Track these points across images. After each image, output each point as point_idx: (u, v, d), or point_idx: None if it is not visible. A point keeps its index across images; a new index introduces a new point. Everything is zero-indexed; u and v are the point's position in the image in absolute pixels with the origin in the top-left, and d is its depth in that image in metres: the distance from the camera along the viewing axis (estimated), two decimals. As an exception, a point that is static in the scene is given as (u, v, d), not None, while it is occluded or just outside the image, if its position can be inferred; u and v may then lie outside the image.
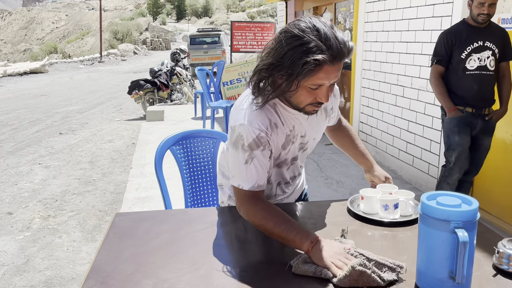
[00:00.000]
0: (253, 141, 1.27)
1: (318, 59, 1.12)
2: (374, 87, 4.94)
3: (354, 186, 4.20)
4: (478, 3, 2.76)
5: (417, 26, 4.00)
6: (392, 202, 1.42)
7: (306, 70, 1.14)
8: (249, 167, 1.28)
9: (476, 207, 1.02)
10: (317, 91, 1.22)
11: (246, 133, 1.27)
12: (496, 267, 1.16)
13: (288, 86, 1.20)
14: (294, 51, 1.14)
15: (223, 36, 17.90)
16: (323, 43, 1.14)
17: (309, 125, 1.43)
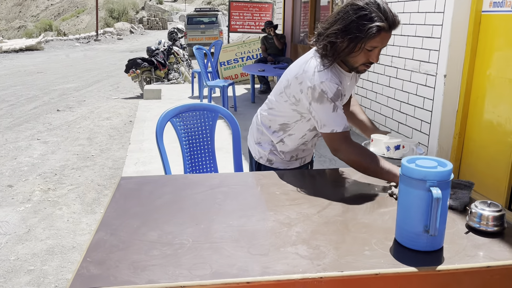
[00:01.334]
0: (335, 94, 1.55)
1: (379, 25, 1.44)
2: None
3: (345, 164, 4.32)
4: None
5: (411, 8, 4.07)
6: (393, 144, 1.68)
7: (370, 34, 1.45)
8: (337, 114, 1.56)
9: (450, 169, 1.14)
10: (371, 53, 1.53)
11: (328, 88, 1.54)
12: (469, 225, 1.28)
13: (352, 49, 1.50)
14: (360, 19, 1.45)
15: (220, 16, 17.78)
16: (382, 14, 1.46)
17: (350, 87, 1.72)
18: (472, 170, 3.62)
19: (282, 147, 1.80)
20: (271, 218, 1.33)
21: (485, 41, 3.42)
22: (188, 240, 1.18)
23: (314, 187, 1.60)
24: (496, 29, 3.30)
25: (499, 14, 3.25)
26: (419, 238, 1.15)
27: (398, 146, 1.68)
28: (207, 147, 2.17)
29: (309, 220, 1.32)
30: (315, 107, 1.58)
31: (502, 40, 3.24)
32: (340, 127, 1.56)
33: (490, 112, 3.39)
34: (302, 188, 1.59)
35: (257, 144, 1.88)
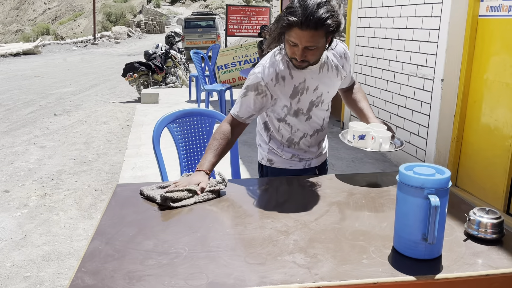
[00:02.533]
0: (252, 85, 1.63)
1: (290, 20, 1.46)
2: (366, 73, 5.03)
3: (344, 168, 4.32)
4: None
5: (409, 12, 4.08)
6: (358, 133, 1.65)
7: (281, 25, 1.49)
8: (240, 100, 1.68)
9: (448, 176, 1.13)
10: (294, 48, 1.53)
11: (251, 78, 1.65)
12: (467, 232, 1.27)
13: (276, 37, 1.55)
14: (285, 11, 1.50)
15: (218, 20, 17.80)
16: (301, 11, 1.45)
17: (321, 80, 1.70)
18: (470, 174, 3.62)
19: (274, 145, 1.84)
20: (268, 226, 1.32)
21: (482, 45, 3.43)
22: (184, 249, 1.17)
23: (311, 193, 1.59)
24: (493, 33, 3.31)
25: (496, 19, 3.26)
26: (417, 246, 1.14)
27: (363, 136, 1.65)
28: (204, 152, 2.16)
29: (306, 227, 1.31)
30: None
31: (499, 44, 3.25)
32: (233, 110, 1.70)
33: (488, 116, 3.39)
34: (299, 195, 1.58)
35: (258, 145, 1.94)
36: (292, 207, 1.45)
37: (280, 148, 1.83)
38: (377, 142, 1.63)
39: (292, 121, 1.75)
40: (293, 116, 1.73)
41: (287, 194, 1.58)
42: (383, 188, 1.63)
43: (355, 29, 5.24)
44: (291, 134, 1.79)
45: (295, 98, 1.68)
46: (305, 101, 1.70)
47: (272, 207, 1.46)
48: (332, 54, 1.72)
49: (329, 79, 1.72)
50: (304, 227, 1.31)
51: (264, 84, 1.62)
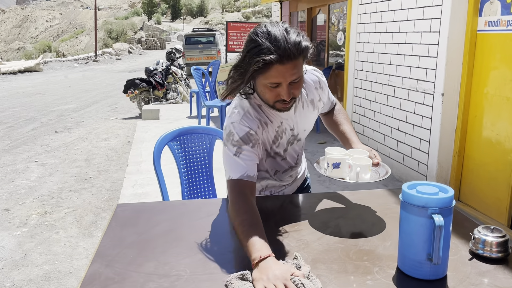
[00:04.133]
0: (242, 138, 1.37)
1: (266, 59, 1.23)
2: (366, 87, 5.05)
3: (345, 184, 4.30)
4: None
5: (407, 28, 4.11)
6: (332, 161, 1.45)
7: (256, 69, 1.25)
8: (238, 159, 1.37)
9: (451, 195, 1.12)
10: (278, 89, 1.31)
11: (236, 130, 1.38)
12: (472, 251, 1.25)
13: (244, 84, 1.32)
14: (250, 53, 1.27)
15: (218, 36, 17.96)
16: (273, 45, 1.24)
17: (297, 119, 1.53)
18: (473, 189, 3.60)
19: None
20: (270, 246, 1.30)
21: (482, 59, 3.44)
22: (185, 271, 1.15)
23: (313, 211, 1.58)
24: (491, 48, 3.33)
25: (495, 33, 3.28)
26: (422, 267, 1.12)
27: (338, 164, 1.44)
28: (206, 171, 2.15)
29: (309, 247, 1.29)
30: (223, 150, 1.43)
31: (498, 59, 3.26)
32: (236, 175, 1.35)
33: (489, 130, 3.38)
34: (301, 213, 1.56)
35: None
36: (294, 226, 1.44)
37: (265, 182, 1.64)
38: (353, 171, 1.43)
39: (267, 164, 1.57)
40: (269, 158, 1.55)
41: (289, 213, 1.56)
42: (386, 205, 1.62)
43: (355, 44, 5.27)
44: (264, 173, 1.60)
45: (276, 143, 1.51)
46: (283, 143, 1.54)
47: (273, 226, 1.44)
48: (305, 88, 1.52)
49: (305, 117, 1.55)
50: (306, 247, 1.29)
51: (253, 133, 1.39)
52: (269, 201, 1.66)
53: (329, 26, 6.64)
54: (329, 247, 1.30)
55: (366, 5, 4.93)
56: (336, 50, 6.42)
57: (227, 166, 1.39)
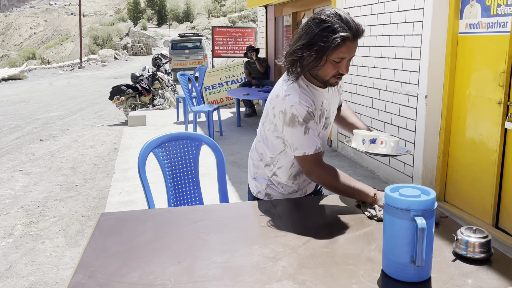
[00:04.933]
0: (305, 118, 1.54)
1: (343, 35, 1.44)
2: (351, 90, 5.09)
3: (333, 186, 4.31)
4: None
5: (390, 31, 4.16)
6: (369, 137, 1.63)
7: (334, 45, 1.44)
8: (309, 136, 1.56)
9: (433, 197, 1.13)
10: (339, 64, 1.52)
11: (298, 111, 1.54)
12: (456, 252, 1.26)
13: (318, 61, 1.49)
14: (323, 31, 1.45)
15: (204, 41, 17.95)
16: (345, 25, 1.45)
17: (330, 99, 1.69)
18: (458, 189, 3.64)
19: (277, 179, 1.74)
20: (256, 252, 1.30)
21: (463, 61, 3.50)
22: (170, 280, 1.14)
23: (299, 216, 1.58)
24: (473, 50, 3.38)
25: (476, 35, 3.33)
26: (406, 269, 1.13)
27: (374, 139, 1.63)
28: (191, 178, 2.14)
29: (295, 253, 1.29)
30: (287, 131, 1.59)
31: (479, 60, 3.32)
32: (312, 149, 1.57)
33: (472, 130, 3.43)
34: (287, 218, 1.56)
35: (254, 179, 1.82)
36: (280, 231, 1.44)
37: (281, 184, 1.75)
38: (388, 145, 1.63)
39: None
40: None
41: (274, 218, 1.56)
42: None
43: (339, 48, 5.31)
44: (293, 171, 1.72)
45: (321, 121, 1.66)
46: (322, 123, 1.69)
47: (260, 232, 1.44)
48: None
49: (333, 99, 1.73)
50: (292, 252, 1.29)
51: (312, 110, 1.57)
52: (255, 207, 1.65)
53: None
54: (315, 251, 1.30)
55: (350, 9, 4.98)
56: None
57: (299, 144, 1.57)
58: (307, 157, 1.58)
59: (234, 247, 1.33)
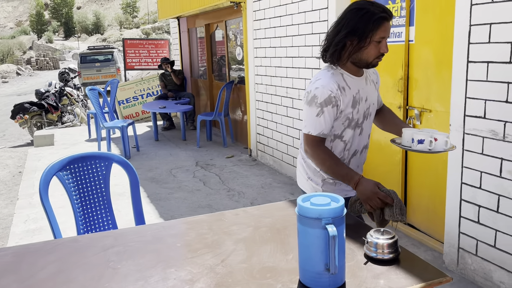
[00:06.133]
0: (324, 100, 1.65)
1: (382, 15, 1.61)
2: (267, 100, 5.19)
3: (254, 195, 4.35)
4: None
5: (299, 42, 4.32)
6: (418, 137, 1.69)
7: (377, 24, 1.60)
8: (319, 119, 1.66)
9: (342, 204, 1.16)
10: (380, 45, 1.65)
11: (320, 94, 1.66)
12: (367, 255, 1.31)
13: (362, 43, 1.63)
14: (363, 17, 1.61)
15: (116, 54, 17.26)
16: (380, 8, 1.62)
17: (368, 91, 1.78)
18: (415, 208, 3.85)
19: None
20: (171, 276, 1.24)
21: (366, 70, 3.73)
22: (75, 319, 1.04)
23: (215, 233, 1.54)
24: (374, 59, 3.62)
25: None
26: (321, 278, 1.14)
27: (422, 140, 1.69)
28: (102, 201, 2.01)
29: (212, 272, 1.25)
30: (305, 109, 1.71)
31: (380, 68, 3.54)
32: (316, 131, 1.68)
33: (378, 133, 3.66)
34: (203, 237, 1.52)
35: (309, 179, 1.86)
36: (197, 250, 1.39)
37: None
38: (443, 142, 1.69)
39: (348, 135, 1.77)
40: (351, 128, 1.76)
41: (191, 237, 1.51)
42: (287, 218, 1.64)
43: (253, 59, 5.41)
44: (343, 153, 1.79)
45: (355, 107, 1.73)
46: (361, 111, 1.76)
47: (176, 253, 1.38)
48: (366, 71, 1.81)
49: (372, 92, 1.82)
50: (210, 272, 1.25)
51: (334, 95, 1.66)
52: (172, 226, 1.59)
53: (227, 42, 6.74)
54: (233, 268, 1.27)
55: (260, 21, 5.09)
56: (237, 65, 6.53)
57: (309, 123, 1.69)
58: (309, 136, 1.69)
59: (148, 273, 1.26)
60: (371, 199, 1.61)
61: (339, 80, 1.69)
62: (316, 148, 1.69)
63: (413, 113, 3.24)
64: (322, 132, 1.68)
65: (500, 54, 2.32)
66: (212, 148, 6.38)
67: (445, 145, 1.70)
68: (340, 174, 1.68)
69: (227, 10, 6.22)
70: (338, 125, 1.72)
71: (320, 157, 1.69)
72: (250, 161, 5.68)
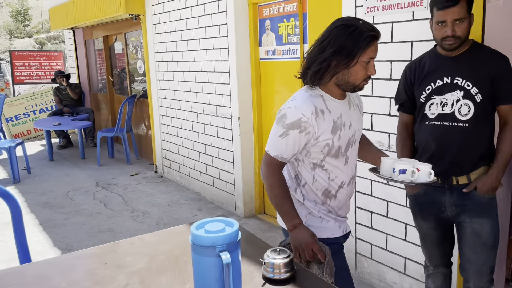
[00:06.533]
0: (292, 123, 1.51)
1: (372, 34, 1.49)
2: (171, 115, 5.08)
3: (160, 215, 4.20)
4: (437, 22, 1.84)
5: (201, 56, 4.31)
6: (399, 167, 1.61)
7: (366, 44, 1.48)
8: (281, 140, 1.54)
9: (236, 228, 1.15)
10: (368, 66, 1.53)
11: (290, 115, 1.52)
12: (264, 276, 1.31)
13: (349, 64, 1.50)
14: (352, 34, 1.48)
15: (4, 66, 15.73)
16: (368, 26, 1.51)
17: (352, 116, 1.65)
18: (275, 201, 3.94)
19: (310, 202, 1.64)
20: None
21: (266, 84, 3.84)
22: None
23: (109, 265, 1.44)
24: (273, 74, 3.74)
25: (274, 61, 3.69)
26: (218, 307, 1.11)
27: (404, 170, 1.60)
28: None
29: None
30: (273, 126, 1.59)
31: (279, 83, 3.68)
32: (274, 152, 1.56)
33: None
34: (94, 271, 1.41)
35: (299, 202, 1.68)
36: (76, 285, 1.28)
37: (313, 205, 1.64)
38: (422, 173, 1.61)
39: (331, 164, 1.60)
40: (332, 157, 1.59)
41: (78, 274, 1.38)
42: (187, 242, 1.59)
43: (155, 72, 5.27)
44: (328, 184, 1.62)
45: (336, 134, 1.57)
46: (344, 138, 1.60)
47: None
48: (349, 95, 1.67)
49: (357, 117, 1.68)
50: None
51: (305, 120, 1.51)
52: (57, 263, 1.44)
53: (127, 54, 6.50)
54: (125, 305, 1.19)
55: (161, 34, 4.99)
56: (142, 77, 6.31)
57: (270, 141, 1.58)
58: (267, 155, 1.59)
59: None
60: (303, 249, 1.52)
61: (317, 102, 1.54)
62: (271, 170, 1.58)
63: (311, 126, 3.39)
64: (281, 155, 1.55)
65: (383, 71, 2.53)
66: (114, 166, 6.07)
67: (427, 177, 1.61)
68: (282, 209, 1.58)
69: (126, 22, 6.00)
70: (316, 152, 1.57)
71: (270, 181, 1.58)
72: (156, 178, 5.50)
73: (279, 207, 1.59)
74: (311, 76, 1.55)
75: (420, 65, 1.98)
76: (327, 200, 1.64)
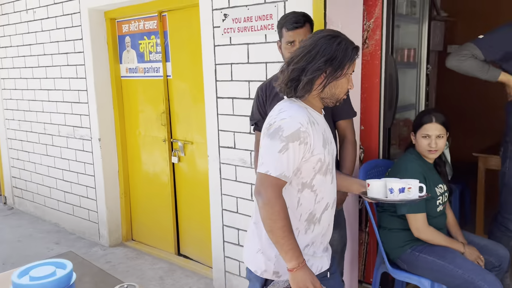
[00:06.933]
0: (291, 134, 1.36)
1: (356, 47, 1.45)
2: (21, 138, 4.52)
3: (8, 252, 3.66)
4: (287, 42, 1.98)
5: (54, 73, 3.93)
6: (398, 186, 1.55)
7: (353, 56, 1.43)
8: (282, 156, 1.35)
9: (69, 270, 1.01)
10: (349, 79, 1.47)
11: (287, 126, 1.37)
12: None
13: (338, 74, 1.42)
14: (340, 45, 1.42)
15: None
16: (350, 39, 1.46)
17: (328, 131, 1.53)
18: (143, 226, 3.75)
19: None
20: None
21: (129, 103, 3.65)
22: None
23: None
24: (136, 92, 3.58)
25: (136, 79, 3.54)
26: None
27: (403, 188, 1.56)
28: None
29: None
30: (264, 143, 1.41)
31: (142, 101, 3.54)
32: (277, 171, 1.35)
33: (147, 167, 3.61)
34: None
35: (259, 252, 1.49)
36: None
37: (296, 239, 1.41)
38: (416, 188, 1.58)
39: (318, 183, 1.46)
40: (322, 175, 1.46)
41: None
42: None
43: (0, 91, 4.65)
44: (313, 207, 1.47)
45: (325, 148, 1.46)
46: (331, 153, 1.50)
47: None
48: None
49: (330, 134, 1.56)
50: None
51: (304, 130, 1.38)
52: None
53: None
54: None
55: (6, 48, 4.44)
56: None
57: (268, 159, 1.37)
58: (267, 178, 1.35)
59: None
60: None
61: (308, 114, 1.44)
62: (276, 194, 1.35)
63: (177, 145, 3.32)
64: (284, 173, 1.35)
65: (241, 90, 2.58)
66: (-50, 200, 5.16)
67: (420, 192, 1.60)
68: (286, 245, 1.33)
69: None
70: (308, 169, 1.42)
71: (276, 209, 1.33)
72: (5, 210, 4.82)
73: (282, 241, 1.34)
74: (304, 86, 1.42)
75: (270, 85, 2.06)
76: (311, 226, 1.48)
